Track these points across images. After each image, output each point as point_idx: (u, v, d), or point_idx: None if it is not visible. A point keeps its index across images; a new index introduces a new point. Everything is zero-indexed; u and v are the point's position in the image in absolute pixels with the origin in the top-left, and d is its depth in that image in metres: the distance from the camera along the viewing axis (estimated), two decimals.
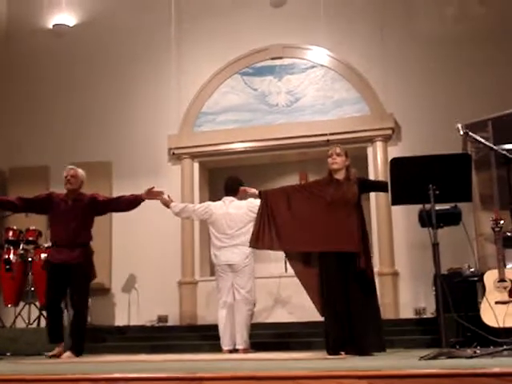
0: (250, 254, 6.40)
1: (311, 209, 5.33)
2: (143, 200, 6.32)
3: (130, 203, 6.32)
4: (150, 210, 8.89)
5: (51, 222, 6.25)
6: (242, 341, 6.23)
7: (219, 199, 6.66)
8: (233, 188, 6.55)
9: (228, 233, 6.40)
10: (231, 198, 6.52)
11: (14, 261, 7.96)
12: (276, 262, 8.65)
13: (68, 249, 6.01)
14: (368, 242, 5.37)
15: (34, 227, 8.09)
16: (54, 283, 6.04)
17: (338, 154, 5.33)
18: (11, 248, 8.04)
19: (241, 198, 6.56)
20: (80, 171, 6.29)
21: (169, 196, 6.56)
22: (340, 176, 5.34)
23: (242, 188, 6.05)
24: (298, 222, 5.34)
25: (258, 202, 6.40)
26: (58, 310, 6.09)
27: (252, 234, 5.49)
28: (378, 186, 5.80)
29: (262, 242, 5.43)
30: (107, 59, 9.60)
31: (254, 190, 5.78)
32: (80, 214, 6.10)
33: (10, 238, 8.09)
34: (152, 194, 6.33)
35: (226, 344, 6.28)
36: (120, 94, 9.46)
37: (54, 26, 9.74)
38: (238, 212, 6.42)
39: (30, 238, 8.09)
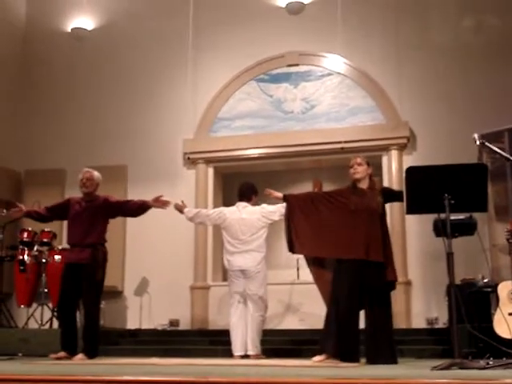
0: (262, 260, 6.40)
1: (336, 216, 5.36)
2: (150, 207, 6.31)
3: (137, 208, 6.31)
4: (163, 213, 8.94)
5: (68, 224, 6.35)
6: (253, 347, 6.22)
7: (233, 204, 6.67)
8: (247, 194, 6.57)
9: (241, 238, 6.40)
10: (244, 204, 6.53)
11: (28, 262, 7.99)
12: (288, 269, 8.66)
13: (79, 249, 6.07)
14: (392, 253, 5.33)
15: (48, 229, 8.11)
16: (65, 284, 6.08)
17: (359, 164, 5.35)
18: (26, 249, 8.08)
19: (254, 204, 6.57)
20: (96, 174, 6.34)
21: (182, 201, 6.57)
22: (364, 185, 5.35)
23: (267, 190, 5.90)
24: (322, 227, 5.39)
25: (271, 207, 6.43)
26: (69, 313, 6.09)
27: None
28: (398, 196, 5.69)
29: (289, 245, 5.48)
30: (124, 64, 9.65)
31: (279, 194, 5.76)
32: (92, 215, 6.14)
33: (25, 239, 8.12)
34: (159, 202, 6.29)
35: (237, 350, 6.27)
36: (136, 98, 9.50)
37: (72, 29, 9.80)
38: (251, 217, 6.42)
39: (45, 240, 8.12)
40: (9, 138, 9.59)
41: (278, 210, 6.33)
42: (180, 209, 6.55)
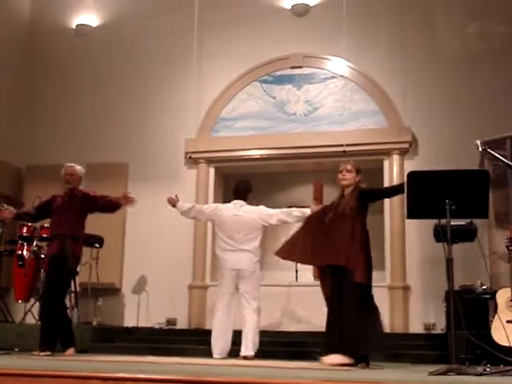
0: (257, 261, 6.32)
1: (318, 225, 5.40)
2: (121, 205, 6.32)
3: (112, 205, 6.30)
4: (163, 212, 8.95)
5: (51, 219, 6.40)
6: (255, 348, 6.13)
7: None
8: (243, 192, 6.49)
9: (235, 237, 6.25)
10: (242, 202, 6.43)
11: (26, 257, 7.98)
12: (286, 271, 8.65)
13: (51, 242, 6.23)
14: (364, 255, 5.13)
15: (48, 224, 8.10)
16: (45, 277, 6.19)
17: (349, 171, 5.35)
18: (25, 244, 8.07)
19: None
20: (78, 168, 6.36)
21: (176, 196, 6.51)
22: (348, 192, 5.34)
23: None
24: (307, 237, 5.43)
25: (270, 210, 6.38)
26: (50, 308, 6.04)
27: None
28: (386, 192, 6.00)
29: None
30: (128, 61, 9.65)
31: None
32: (73, 209, 6.15)
33: (24, 234, 8.10)
34: (124, 199, 6.30)
35: (217, 352, 6.13)
36: (139, 97, 9.49)
37: (76, 25, 9.82)
38: (248, 216, 6.30)
39: (44, 235, 8.11)
40: (10, 134, 9.60)
41: (275, 215, 6.29)
42: (173, 202, 6.47)
